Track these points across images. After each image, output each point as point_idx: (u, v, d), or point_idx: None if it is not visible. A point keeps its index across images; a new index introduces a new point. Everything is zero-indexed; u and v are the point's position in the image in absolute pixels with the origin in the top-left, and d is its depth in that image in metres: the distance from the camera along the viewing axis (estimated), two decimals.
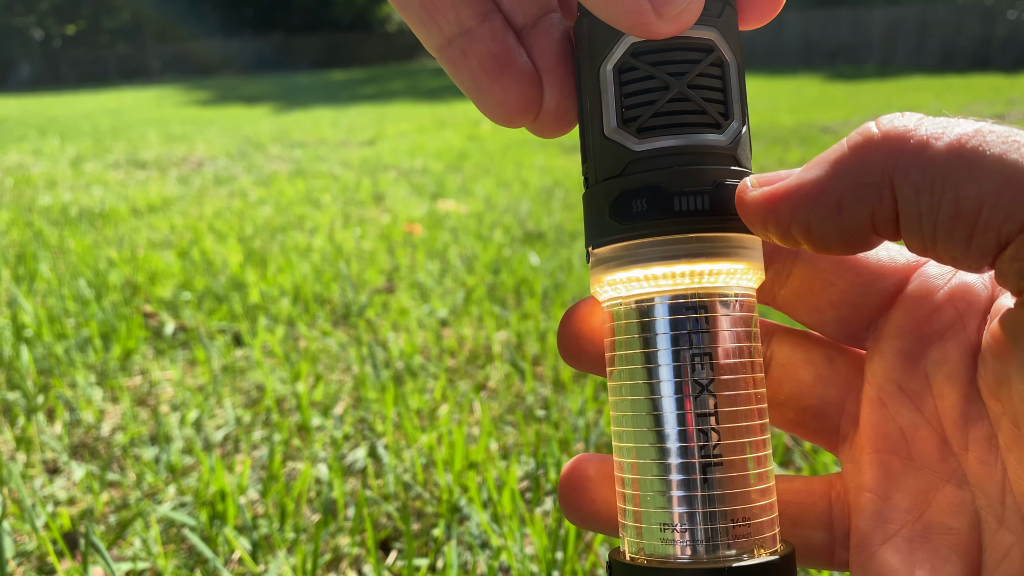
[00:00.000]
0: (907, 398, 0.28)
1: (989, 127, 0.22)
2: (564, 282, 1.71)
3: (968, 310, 0.27)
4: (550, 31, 0.29)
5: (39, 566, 0.77)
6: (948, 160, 0.22)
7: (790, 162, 3.54)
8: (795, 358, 0.31)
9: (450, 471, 0.90)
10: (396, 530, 0.83)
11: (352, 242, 2.22)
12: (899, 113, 0.24)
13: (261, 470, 0.96)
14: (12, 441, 1.02)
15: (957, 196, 0.22)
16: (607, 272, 0.27)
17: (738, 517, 0.26)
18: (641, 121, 0.26)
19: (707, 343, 0.26)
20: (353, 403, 1.15)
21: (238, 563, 0.78)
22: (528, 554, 0.77)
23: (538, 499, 0.87)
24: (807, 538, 0.31)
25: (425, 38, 0.29)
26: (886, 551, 0.28)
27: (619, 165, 0.27)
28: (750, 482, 0.26)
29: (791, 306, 0.31)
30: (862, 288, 0.29)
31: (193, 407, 1.12)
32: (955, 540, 0.27)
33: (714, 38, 0.26)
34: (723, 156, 0.27)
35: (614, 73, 0.27)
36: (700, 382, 0.26)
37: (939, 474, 0.27)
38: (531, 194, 2.95)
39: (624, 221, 0.26)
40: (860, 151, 0.23)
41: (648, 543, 0.27)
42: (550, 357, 1.28)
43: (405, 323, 1.49)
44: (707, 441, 0.26)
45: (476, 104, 0.29)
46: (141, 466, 0.96)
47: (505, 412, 1.11)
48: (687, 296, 0.26)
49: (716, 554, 0.26)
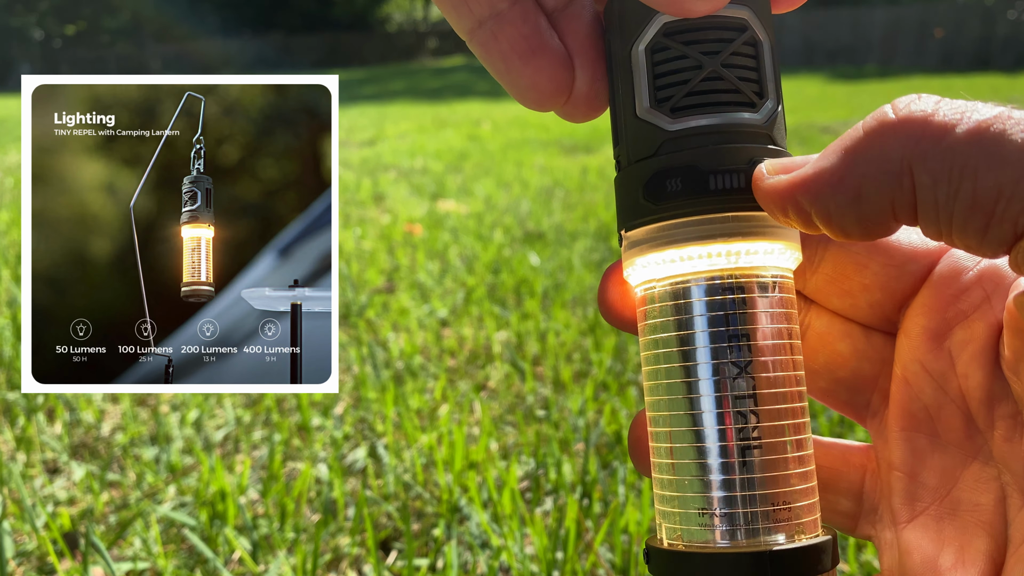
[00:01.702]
0: (932, 377, 0.28)
1: (1008, 112, 0.22)
2: (564, 282, 1.71)
3: (996, 291, 0.27)
4: (581, 13, 0.29)
5: (39, 566, 0.77)
6: (967, 147, 0.21)
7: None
8: (833, 329, 0.31)
9: (450, 471, 0.90)
10: (396, 530, 0.83)
11: (352, 242, 2.22)
12: (915, 95, 0.23)
13: (261, 470, 0.96)
14: (12, 441, 1.02)
15: (975, 186, 0.21)
16: (641, 254, 0.27)
17: (778, 501, 0.25)
18: (675, 101, 0.26)
19: (744, 324, 0.26)
20: (353, 403, 1.15)
21: (238, 563, 0.78)
22: (528, 554, 0.77)
23: (538, 499, 0.87)
24: (834, 503, 0.31)
25: (456, 21, 0.28)
26: (914, 528, 0.28)
27: (653, 146, 0.26)
28: (790, 465, 0.26)
29: (823, 292, 0.31)
30: (894, 271, 0.29)
31: (193, 407, 1.12)
32: (981, 516, 0.27)
33: (747, 17, 0.26)
34: (758, 135, 0.26)
35: (646, 53, 0.26)
36: (738, 364, 0.26)
37: (965, 451, 0.27)
38: (531, 194, 2.95)
39: (659, 201, 0.26)
40: (877, 137, 0.23)
41: (686, 528, 0.26)
42: (550, 357, 1.28)
43: (405, 323, 1.49)
44: (745, 424, 0.25)
45: (507, 87, 0.29)
46: (141, 466, 0.96)
47: (505, 412, 1.11)
48: (724, 277, 0.26)
49: (756, 539, 0.25)
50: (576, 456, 0.95)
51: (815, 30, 14.31)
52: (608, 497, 0.85)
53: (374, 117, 7.12)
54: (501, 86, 0.29)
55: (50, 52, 21.77)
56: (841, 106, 6.57)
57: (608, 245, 2.07)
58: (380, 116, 7.26)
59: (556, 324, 1.44)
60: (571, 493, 0.85)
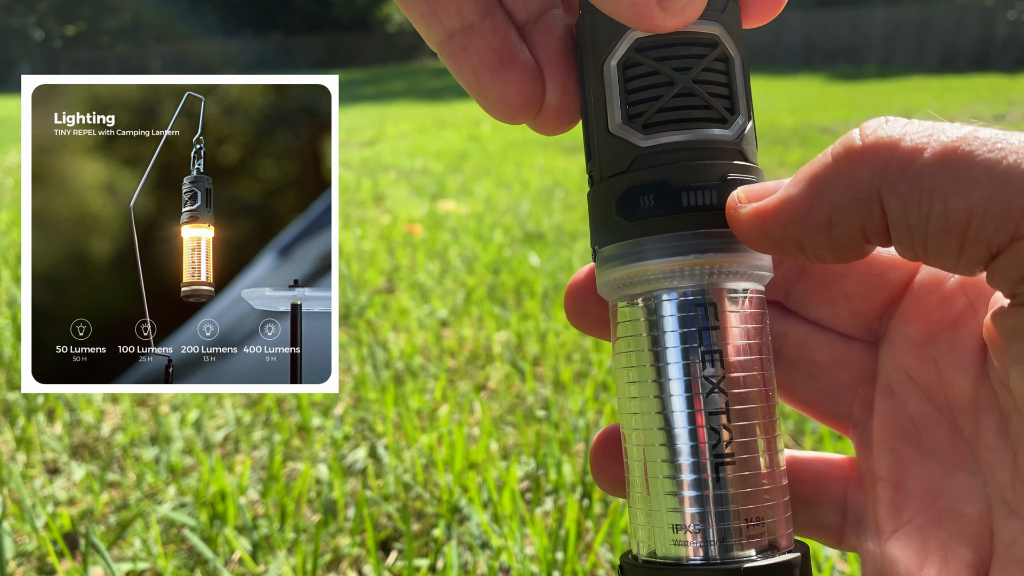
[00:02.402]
0: (917, 386, 0.28)
1: (975, 133, 0.22)
2: (564, 282, 1.71)
3: (979, 299, 0.27)
4: (552, 27, 0.29)
5: (39, 566, 0.77)
6: (935, 171, 0.21)
7: (790, 163, 3.54)
8: (813, 339, 0.31)
9: (450, 471, 0.90)
10: (396, 530, 0.83)
11: (352, 242, 2.22)
12: (882, 119, 0.23)
13: (261, 470, 0.96)
14: (12, 441, 1.02)
15: (946, 208, 0.21)
16: (614, 270, 0.27)
17: (751, 517, 0.26)
18: (646, 117, 0.26)
19: (717, 340, 0.26)
20: (353, 403, 1.15)
21: (238, 563, 0.78)
22: (528, 554, 0.77)
23: (538, 499, 0.87)
24: (818, 518, 0.31)
25: (427, 33, 0.28)
26: (898, 539, 0.28)
27: (625, 161, 0.26)
28: (763, 481, 0.26)
29: (804, 302, 0.31)
30: (875, 279, 0.29)
31: (193, 407, 1.12)
32: (966, 527, 0.27)
33: (718, 33, 0.26)
34: (730, 151, 0.26)
35: (618, 69, 0.26)
36: (710, 379, 0.26)
37: (951, 461, 0.27)
38: (531, 194, 2.95)
39: (632, 218, 0.26)
40: (846, 163, 0.23)
41: (660, 544, 0.26)
42: (550, 357, 1.28)
43: (405, 323, 1.49)
44: (719, 440, 0.26)
45: (477, 100, 0.29)
46: (141, 466, 0.96)
47: (505, 412, 1.11)
48: (696, 292, 0.26)
49: (729, 555, 0.25)
50: (576, 456, 0.95)
51: (815, 30, 14.31)
52: (608, 498, 0.85)
53: (374, 117, 7.12)
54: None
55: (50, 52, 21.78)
56: (841, 106, 6.57)
57: None
58: (380, 116, 7.26)
59: (556, 324, 1.44)
60: (571, 493, 0.85)
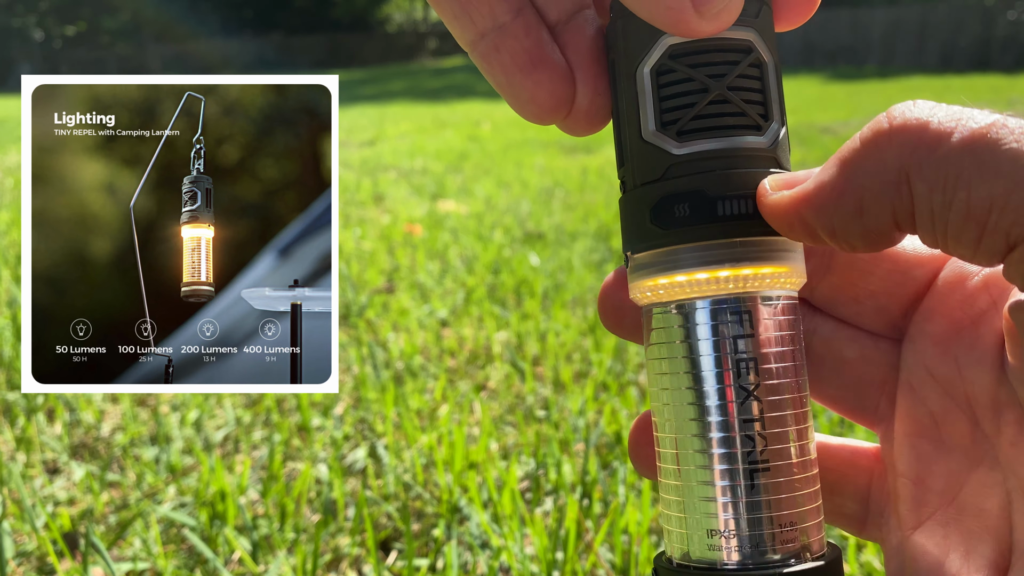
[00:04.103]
0: (938, 383, 0.28)
1: (1004, 121, 0.21)
2: (564, 282, 1.71)
3: (1002, 296, 0.27)
4: (584, 28, 0.28)
5: (39, 566, 0.77)
6: (961, 157, 0.21)
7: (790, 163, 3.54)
8: (840, 335, 0.31)
9: (450, 471, 0.90)
10: (396, 530, 0.83)
11: (352, 242, 2.22)
12: (911, 102, 0.23)
13: (261, 470, 0.96)
14: (12, 441, 1.02)
15: (968, 196, 0.21)
16: (648, 278, 0.27)
17: (785, 522, 0.26)
18: (681, 124, 0.26)
19: (752, 348, 0.26)
20: (353, 403, 1.15)
21: (238, 563, 0.78)
22: (528, 554, 0.77)
23: (538, 499, 0.87)
24: (841, 506, 0.31)
25: (458, 32, 0.28)
26: (920, 534, 0.28)
27: (659, 169, 0.26)
28: (796, 486, 0.26)
29: (830, 299, 0.31)
30: (900, 276, 0.29)
31: (193, 407, 1.12)
32: (987, 522, 0.27)
33: (752, 39, 0.26)
34: (764, 158, 0.26)
35: (652, 75, 0.26)
36: (745, 387, 0.26)
37: (971, 457, 0.27)
38: (531, 194, 2.95)
39: (666, 227, 0.26)
40: (874, 147, 0.23)
41: (695, 548, 0.27)
42: (550, 357, 1.28)
43: (405, 323, 1.49)
44: (753, 447, 0.26)
45: (508, 100, 0.29)
46: (141, 466, 0.96)
47: (505, 412, 1.11)
48: (730, 300, 0.26)
49: (763, 559, 0.26)
50: (576, 456, 0.95)
51: (815, 30, 14.31)
52: (608, 497, 0.85)
53: (374, 117, 7.12)
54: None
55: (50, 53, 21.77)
56: (841, 106, 6.57)
57: (608, 245, 2.07)
58: (380, 116, 7.26)
59: (556, 324, 1.44)
60: (571, 493, 0.85)
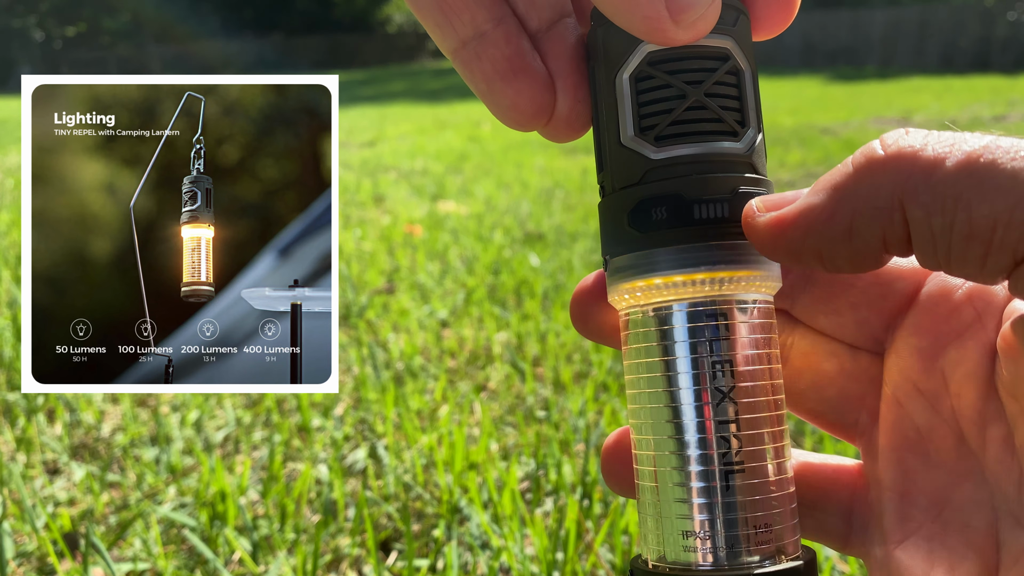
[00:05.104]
0: (923, 397, 0.28)
1: (996, 142, 0.22)
2: (564, 283, 1.71)
3: (987, 310, 0.27)
4: (564, 36, 0.29)
5: (39, 566, 0.77)
6: (958, 180, 0.22)
7: (790, 163, 3.54)
8: (819, 349, 0.31)
9: (450, 472, 0.90)
10: (396, 531, 0.83)
11: (352, 243, 2.22)
12: (902, 130, 0.23)
13: (261, 471, 0.96)
14: (12, 442, 1.02)
15: (970, 216, 0.21)
16: (626, 280, 0.27)
17: (760, 524, 0.26)
18: (659, 130, 0.26)
19: (727, 350, 0.26)
20: (353, 404, 1.15)
21: (238, 564, 0.78)
22: (528, 555, 0.77)
23: (538, 500, 0.87)
24: (824, 523, 0.31)
25: (440, 40, 0.29)
26: (905, 549, 0.28)
27: (637, 174, 0.27)
28: (771, 488, 0.26)
29: (810, 312, 0.31)
30: (881, 289, 0.29)
31: (193, 408, 1.12)
32: (972, 538, 0.27)
33: (729, 47, 0.27)
34: (741, 164, 0.27)
35: (631, 82, 0.27)
36: (720, 389, 0.26)
37: (957, 472, 0.27)
38: (531, 195, 2.95)
39: (644, 230, 0.26)
40: (867, 173, 0.23)
41: (670, 549, 0.27)
42: (550, 358, 1.28)
43: (405, 324, 1.49)
44: (728, 448, 0.26)
45: (489, 107, 0.29)
46: (141, 467, 0.96)
47: (505, 413, 1.11)
48: (706, 304, 0.27)
49: (738, 561, 0.26)
50: (576, 457, 0.95)
51: (815, 31, 14.31)
52: (608, 498, 0.85)
53: (374, 118, 7.12)
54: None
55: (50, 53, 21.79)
56: (841, 107, 6.57)
57: None
58: (380, 117, 7.26)
59: (556, 325, 1.44)
60: (571, 494, 0.85)
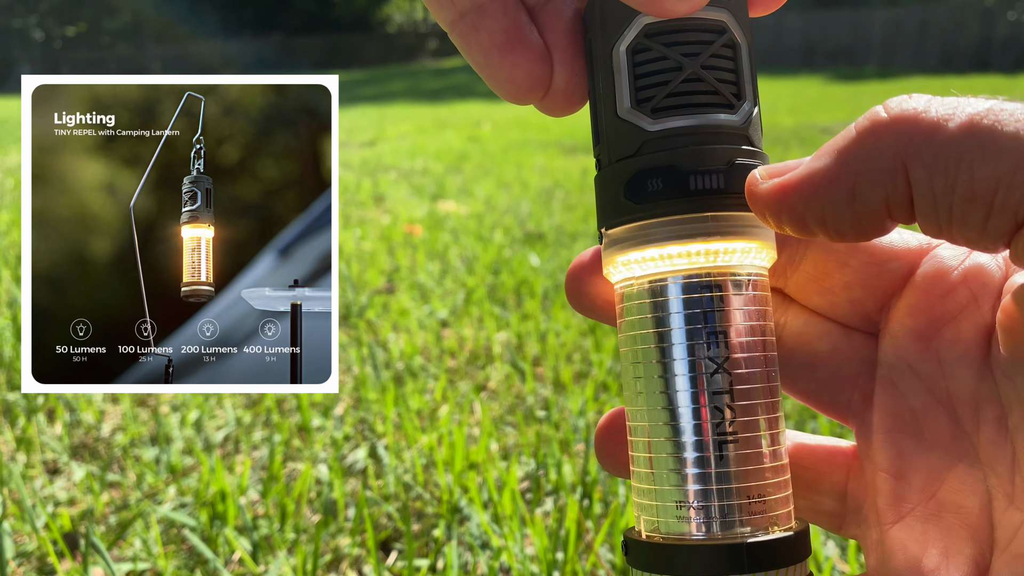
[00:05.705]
0: (918, 378, 0.28)
1: (1000, 105, 0.22)
2: (564, 283, 1.71)
3: (982, 291, 0.27)
4: (561, 9, 0.29)
5: (39, 566, 0.77)
6: (961, 141, 0.22)
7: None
8: (813, 329, 0.31)
9: (450, 472, 0.90)
10: (396, 531, 0.83)
11: (352, 243, 2.22)
12: (906, 95, 0.23)
13: (261, 471, 0.96)
14: (12, 442, 1.02)
15: (972, 177, 0.21)
16: (621, 252, 0.27)
17: (753, 494, 0.26)
18: (655, 102, 0.26)
19: (721, 321, 0.26)
20: (353, 404, 1.15)
21: (238, 563, 0.78)
22: (528, 554, 0.77)
23: (538, 499, 0.87)
24: (818, 504, 0.31)
25: (437, 12, 0.29)
26: (899, 530, 0.28)
27: (633, 145, 0.27)
28: (764, 459, 0.27)
29: (804, 290, 0.31)
30: (876, 269, 0.29)
31: (193, 408, 1.12)
32: (966, 519, 0.27)
33: (726, 19, 0.27)
34: (736, 136, 0.27)
35: (627, 54, 0.27)
36: (714, 360, 0.26)
37: (951, 453, 0.27)
38: (531, 195, 2.95)
39: (639, 201, 0.27)
40: (870, 136, 0.23)
41: (663, 520, 0.27)
42: (550, 358, 1.28)
43: (405, 324, 1.49)
44: (722, 419, 0.26)
45: (486, 80, 0.29)
46: (141, 467, 0.96)
47: (505, 413, 1.11)
48: (701, 275, 0.27)
49: (731, 531, 0.26)
50: (576, 457, 0.95)
51: (815, 31, 14.31)
52: (608, 498, 0.85)
53: (374, 118, 7.12)
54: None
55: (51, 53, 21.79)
56: (841, 107, 6.57)
57: None
58: (380, 117, 7.26)
59: (556, 325, 1.44)
60: (571, 494, 0.85)
